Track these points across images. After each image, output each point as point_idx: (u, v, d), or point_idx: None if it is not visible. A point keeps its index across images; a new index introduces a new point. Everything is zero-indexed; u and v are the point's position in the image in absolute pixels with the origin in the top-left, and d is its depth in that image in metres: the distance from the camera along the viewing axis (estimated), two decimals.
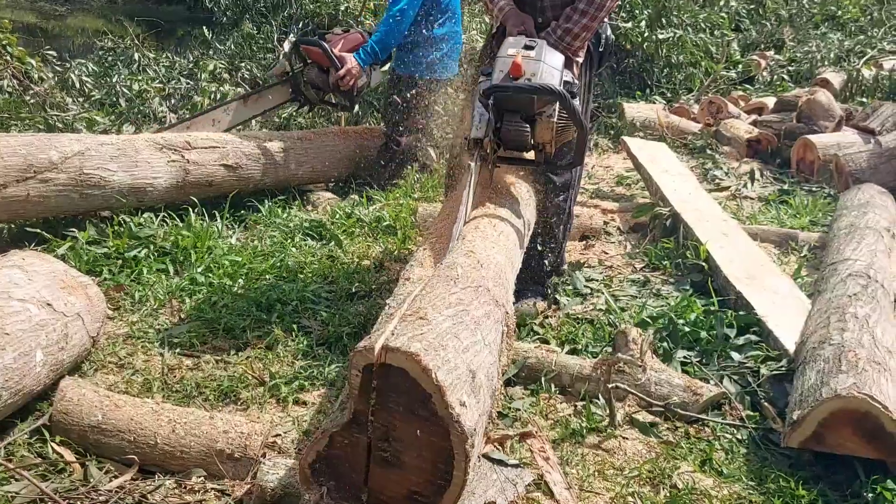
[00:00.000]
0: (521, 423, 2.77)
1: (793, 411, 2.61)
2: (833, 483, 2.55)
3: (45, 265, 2.81)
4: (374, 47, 4.82)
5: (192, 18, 13.13)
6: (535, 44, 2.99)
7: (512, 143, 3.00)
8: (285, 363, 3.11)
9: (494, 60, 3.01)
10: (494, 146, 2.97)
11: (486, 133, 2.88)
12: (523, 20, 3.31)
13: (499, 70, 2.91)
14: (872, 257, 3.61)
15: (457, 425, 1.91)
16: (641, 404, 2.90)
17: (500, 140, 2.96)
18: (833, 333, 2.89)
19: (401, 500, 2.03)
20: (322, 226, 4.40)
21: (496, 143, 2.97)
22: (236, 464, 2.36)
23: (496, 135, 2.92)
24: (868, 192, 4.61)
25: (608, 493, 2.47)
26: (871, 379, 2.53)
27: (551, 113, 2.94)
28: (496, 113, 2.88)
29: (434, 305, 2.19)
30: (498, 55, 3.00)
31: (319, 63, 4.92)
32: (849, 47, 9.00)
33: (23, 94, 5.75)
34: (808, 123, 6.12)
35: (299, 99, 5.17)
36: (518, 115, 2.91)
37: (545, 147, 3.04)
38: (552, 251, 3.68)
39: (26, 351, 2.42)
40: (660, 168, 5.11)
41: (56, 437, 2.41)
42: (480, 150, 2.94)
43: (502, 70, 2.89)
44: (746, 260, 3.91)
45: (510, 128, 2.90)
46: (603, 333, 3.39)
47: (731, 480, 2.55)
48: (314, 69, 4.96)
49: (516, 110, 2.90)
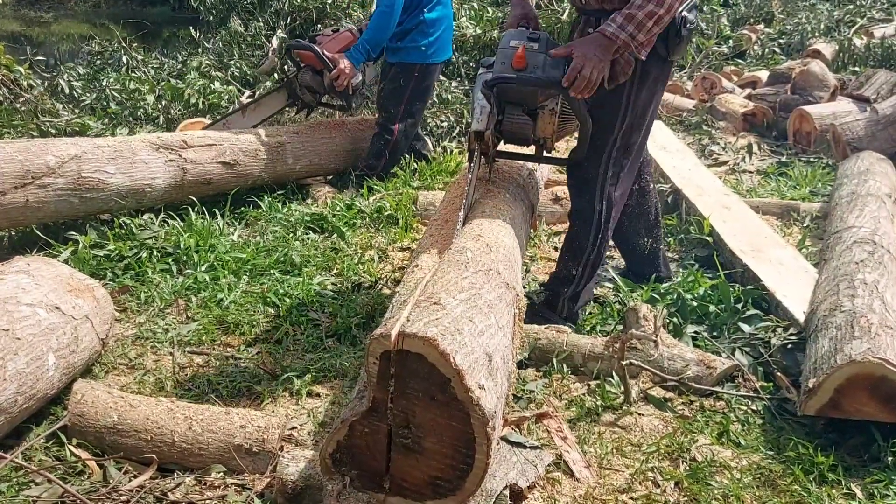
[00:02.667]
0: (537, 405, 2.77)
1: (808, 379, 2.61)
2: (850, 448, 2.56)
3: (50, 269, 2.79)
4: (365, 45, 4.78)
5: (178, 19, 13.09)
6: (538, 36, 2.91)
7: (513, 137, 2.93)
8: (296, 356, 3.11)
9: (496, 52, 2.92)
10: (495, 139, 2.90)
11: (487, 125, 2.81)
12: (527, 12, 3.15)
13: (501, 61, 2.82)
14: (876, 224, 3.62)
15: (477, 408, 1.91)
16: (655, 380, 2.90)
17: (500, 133, 2.90)
18: (843, 300, 2.89)
19: (423, 486, 2.03)
20: (323, 219, 4.38)
21: (497, 137, 2.91)
22: (255, 458, 2.36)
23: (497, 128, 2.86)
24: (868, 160, 4.62)
25: (628, 470, 2.47)
26: (885, 343, 2.54)
27: (553, 107, 2.89)
28: (497, 105, 2.82)
29: (447, 290, 2.19)
30: (500, 46, 2.90)
31: (313, 66, 4.91)
32: (838, 17, 9.01)
33: (13, 102, 5.71)
34: (803, 95, 6.13)
35: (297, 103, 5.17)
36: (520, 108, 2.85)
37: (546, 142, 2.98)
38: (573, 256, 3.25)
39: (38, 355, 2.40)
40: (657, 145, 5.10)
41: (72, 439, 2.40)
42: (481, 144, 2.87)
43: (504, 61, 2.81)
44: (750, 233, 3.92)
45: (512, 120, 2.85)
46: (611, 311, 3.39)
47: (750, 451, 2.56)
48: (308, 72, 4.95)
49: (518, 103, 2.84)
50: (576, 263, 3.23)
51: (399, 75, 4.96)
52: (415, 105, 5.04)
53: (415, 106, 5.05)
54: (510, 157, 3.19)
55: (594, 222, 3.16)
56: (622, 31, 2.72)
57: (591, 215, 3.16)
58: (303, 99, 5.09)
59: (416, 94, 4.99)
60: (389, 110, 4.99)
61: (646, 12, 2.70)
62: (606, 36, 2.74)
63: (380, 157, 5.04)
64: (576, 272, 3.24)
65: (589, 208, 3.15)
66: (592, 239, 3.19)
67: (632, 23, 2.72)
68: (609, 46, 2.75)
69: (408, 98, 4.97)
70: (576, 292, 3.28)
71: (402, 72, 4.95)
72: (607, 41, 2.74)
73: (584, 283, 3.30)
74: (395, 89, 4.97)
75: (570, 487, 2.38)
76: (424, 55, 4.92)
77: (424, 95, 5.12)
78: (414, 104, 5.03)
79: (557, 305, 3.28)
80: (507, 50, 2.83)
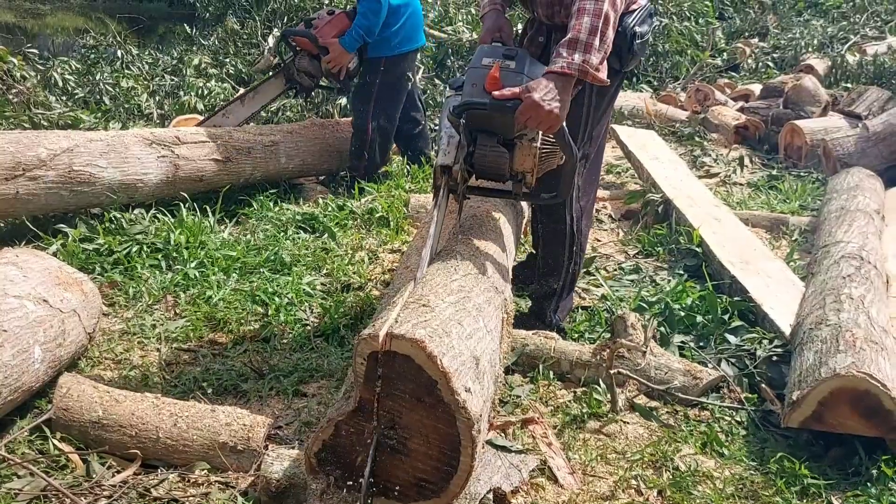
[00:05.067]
0: (522, 410, 2.77)
1: (792, 391, 2.63)
2: (833, 461, 2.57)
3: (39, 262, 2.78)
4: (357, 31, 4.71)
5: (173, 15, 13.08)
6: (515, 53, 2.53)
7: (486, 172, 2.54)
8: (283, 355, 3.10)
9: (465, 72, 2.55)
10: (465, 174, 2.53)
11: (455, 159, 2.46)
12: (500, 25, 2.84)
13: (471, 83, 2.45)
14: (864, 239, 3.64)
15: (463, 411, 1.92)
16: (641, 389, 2.91)
17: (471, 167, 2.52)
18: (829, 314, 2.91)
19: (408, 486, 2.04)
20: (314, 218, 4.38)
21: (467, 171, 2.53)
22: (239, 456, 2.35)
23: (467, 161, 2.49)
24: (857, 176, 4.65)
25: (611, 477, 2.48)
26: (870, 358, 2.56)
27: (534, 136, 2.50)
28: (468, 135, 2.46)
29: (436, 293, 2.20)
30: (470, 66, 2.53)
31: (309, 51, 4.90)
32: (832, 34, 9.07)
33: (6, 93, 5.69)
34: (795, 109, 6.16)
35: (294, 87, 5.15)
36: (494, 138, 2.46)
37: (525, 176, 2.57)
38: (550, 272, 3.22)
39: (25, 347, 2.39)
40: (650, 155, 5.13)
41: (56, 433, 2.39)
42: (448, 179, 2.50)
43: (475, 83, 2.44)
44: (739, 244, 3.94)
45: (485, 153, 2.46)
46: (599, 319, 3.40)
47: (733, 462, 2.57)
48: (305, 57, 4.94)
49: (492, 132, 2.46)
50: (556, 278, 3.23)
51: (366, 72, 4.90)
52: (386, 101, 4.91)
53: (386, 101, 4.92)
54: (484, 193, 2.80)
55: (567, 236, 3.13)
56: (572, 62, 2.43)
57: (564, 230, 3.12)
58: (301, 83, 5.08)
59: (384, 88, 4.87)
60: (359, 108, 4.95)
61: (586, 30, 2.43)
62: (557, 73, 2.43)
63: (360, 157, 4.99)
64: (556, 286, 3.25)
65: (560, 224, 3.11)
66: (568, 253, 3.18)
67: (577, 49, 2.43)
68: (566, 84, 2.44)
69: (376, 94, 4.88)
70: (558, 305, 3.30)
71: (367, 68, 4.88)
72: (561, 78, 2.43)
73: (567, 295, 3.33)
74: (363, 86, 4.92)
75: (554, 493, 2.38)
76: (390, 46, 4.82)
77: (395, 89, 4.95)
78: (384, 100, 4.90)
79: (546, 318, 3.29)
80: (479, 69, 2.47)
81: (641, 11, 2.80)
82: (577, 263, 3.25)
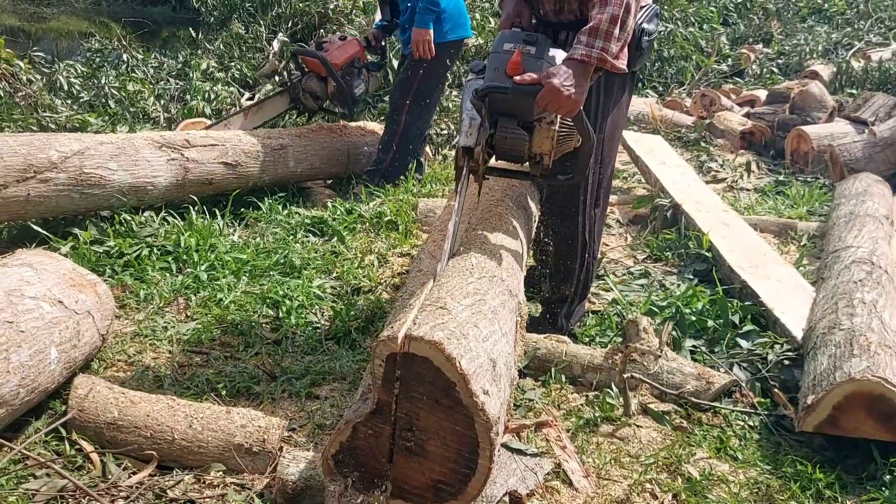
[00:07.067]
0: (535, 414, 2.77)
1: (806, 396, 2.62)
2: (848, 466, 2.57)
3: (53, 263, 2.79)
4: (423, 4, 4.60)
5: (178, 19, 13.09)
6: (536, 38, 2.58)
7: (506, 153, 2.61)
8: (295, 358, 3.11)
9: (487, 56, 2.61)
10: (486, 156, 2.61)
11: (477, 140, 2.53)
12: (520, 11, 2.89)
13: (493, 67, 2.53)
14: (874, 244, 3.65)
15: (481, 413, 1.91)
16: (653, 393, 2.91)
17: (492, 148, 2.60)
18: (842, 318, 2.91)
19: (425, 489, 2.03)
20: (323, 222, 4.38)
21: (488, 152, 2.62)
22: (255, 458, 2.35)
23: (488, 142, 2.57)
24: (865, 181, 4.66)
25: (626, 481, 2.48)
26: (884, 362, 2.56)
27: (552, 120, 2.58)
28: (489, 117, 2.53)
29: (452, 295, 2.20)
30: (492, 50, 2.60)
31: (317, 73, 4.93)
32: (836, 40, 9.09)
33: (13, 96, 5.70)
34: (801, 115, 6.17)
35: (298, 107, 5.19)
36: (515, 121, 2.54)
37: (543, 158, 2.65)
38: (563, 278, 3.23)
39: (41, 348, 2.39)
40: (657, 160, 5.14)
41: (72, 434, 2.39)
42: (470, 161, 2.58)
43: (497, 68, 2.51)
44: (749, 249, 3.94)
45: (506, 135, 2.53)
46: (610, 323, 3.40)
47: (747, 466, 2.57)
48: (312, 79, 4.98)
49: (513, 115, 2.53)
50: (568, 285, 3.22)
51: (409, 65, 4.85)
52: (424, 96, 4.88)
53: (424, 97, 4.88)
54: (503, 174, 2.88)
55: (580, 242, 3.14)
56: (592, 49, 2.48)
57: (576, 236, 3.12)
58: (305, 104, 5.12)
59: (425, 82, 4.82)
60: (397, 101, 4.93)
61: (607, 19, 2.48)
62: (577, 60, 2.48)
63: (388, 150, 4.98)
64: (568, 293, 3.24)
65: (573, 229, 3.11)
66: (580, 260, 3.18)
67: (598, 36, 2.48)
68: (585, 71, 2.49)
69: (416, 89, 4.84)
70: (570, 311, 3.30)
71: (412, 61, 4.82)
72: (581, 66, 2.48)
73: (579, 301, 3.32)
74: (404, 80, 4.90)
75: (569, 497, 2.38)
76: (441, 32, 4.73)
77: (434, 86, 4.90)
78: (422, 96, 4.87)
79: (557, 323, 3.29)
80: (501, 55, 2.54)
81: (648, 10, 2.82)
82: (589, 270, 3.25)
